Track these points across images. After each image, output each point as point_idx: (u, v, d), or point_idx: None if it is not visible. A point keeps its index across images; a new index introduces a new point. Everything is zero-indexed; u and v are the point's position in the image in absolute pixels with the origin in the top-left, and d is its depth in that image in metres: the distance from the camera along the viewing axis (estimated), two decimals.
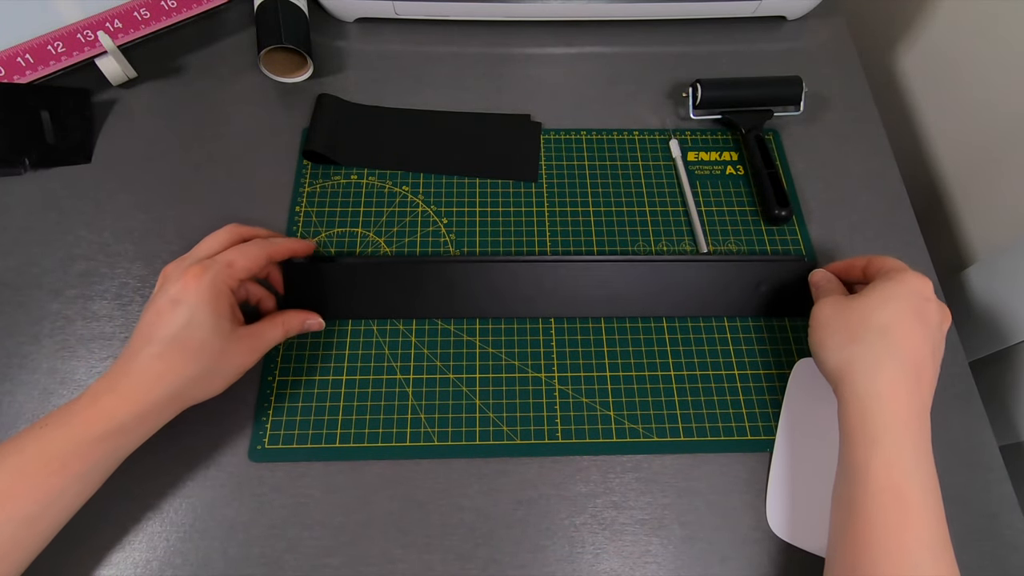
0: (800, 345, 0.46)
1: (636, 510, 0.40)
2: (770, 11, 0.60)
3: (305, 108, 0.55)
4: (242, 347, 0.38)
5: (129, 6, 0.52)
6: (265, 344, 0.40)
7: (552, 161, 0.53)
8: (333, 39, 0.59)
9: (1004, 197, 0.52)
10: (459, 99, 0.56)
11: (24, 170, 0.50)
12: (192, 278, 0.37)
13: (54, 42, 0.50)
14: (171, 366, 0.35)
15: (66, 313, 0.45)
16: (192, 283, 0.36)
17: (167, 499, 0.40)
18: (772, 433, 0.43)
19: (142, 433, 0.36)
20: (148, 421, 0.36)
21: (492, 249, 0.49)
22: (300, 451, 0.41)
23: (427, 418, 0.43)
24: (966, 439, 0.43)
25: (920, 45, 0.62)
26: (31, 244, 0.47)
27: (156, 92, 0.55)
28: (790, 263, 0.48)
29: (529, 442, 0.42)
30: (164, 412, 0.36)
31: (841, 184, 0.53)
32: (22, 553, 0.33)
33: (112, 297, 0.46)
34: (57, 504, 0.33)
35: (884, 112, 0.58)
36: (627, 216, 0.51)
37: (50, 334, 0.44)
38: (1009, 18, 0.52)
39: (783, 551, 0.40)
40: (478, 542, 0.39)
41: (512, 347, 0.45)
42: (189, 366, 0.36)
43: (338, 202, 0.50)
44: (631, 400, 0.44)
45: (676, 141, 0.54)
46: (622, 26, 0.61)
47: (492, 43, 0.60)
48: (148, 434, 0.36)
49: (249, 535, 0.39)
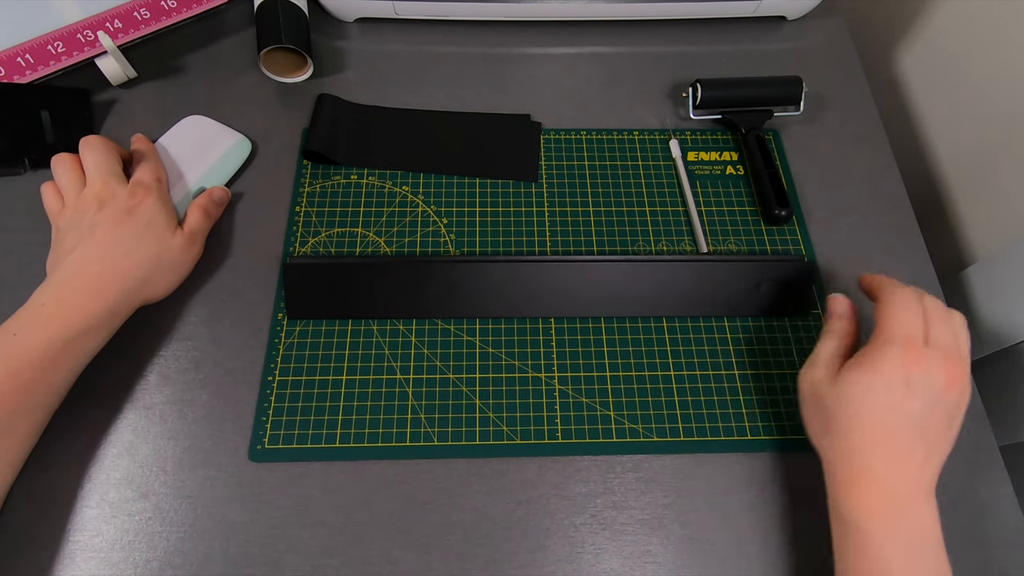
0: (800, 345, 0.46)
1: (636, 510, 0.40)
2: (770, 11, 0.60)
3: (305, 108, 0.55)
4: (186, 241, 0.44)
5: (129, 6, 0.52)
6: (200, 234, 0.46)
7: (552, 161, 0.53)
8: (333, 39, 0.59)
9: (1004, 197, 0.52)
10: (459, 99, 0.56)
11: (24, 170, 0.50)
12: (146, 194, 0.44)
13: (54, 42, 0.50)
14: (136, 261, 0.41)
15: None
16: (146, 196, 0.43)
17: (167, 499, 0.40)
18: (772, 433, 0.43)
19: (108, 330, 0.40)
20: (114, 315, 0.40)
21: (492, 249, 0.49)
22: (300, 451, 0.41)
23: (427, 418, 0.43)
24: (966, 439, 0.43)
25: (920, 45, 0.62)
26: (31, 244, 0.47)
27: (156, 92, 0.55)
28: (790, 263, 0.48)
29: (529, 442, 0.42)
30: (127, 305, 0.41)
31: (841, 184, 0.53)
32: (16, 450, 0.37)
33: None
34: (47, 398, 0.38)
35: (884, 112, 0.58)
36: (627, 216, 0.51)
37: None
38: (1009, 18, 0.52)
39: (783, 551, 0.40)
40: (478, 542, 0.39)
41: (512, 347, 0.45)
42: (149, 261, 0.42)
43: (338, 202, 0.50)
44: (631, 400, 0.44)
45: (676, 141, 0.54)
46: (622, 26, 0.61)
47: (492, 43, 0.60)
48: (113, 329, 0.41)
49: (249, 535, 0.39)
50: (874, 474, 0.34)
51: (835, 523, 0.35)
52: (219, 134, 0.51)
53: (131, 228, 0.42)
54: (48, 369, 0.37)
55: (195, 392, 0.43)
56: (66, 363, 0.38)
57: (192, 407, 0.42)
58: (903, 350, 0.34)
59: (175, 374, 0.43)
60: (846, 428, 0.35)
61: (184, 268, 0.45)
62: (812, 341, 0.46)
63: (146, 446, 0.41)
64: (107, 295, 0.40)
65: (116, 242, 0.41)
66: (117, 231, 0.42)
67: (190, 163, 0.49)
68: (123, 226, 0.42)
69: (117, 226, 0.42)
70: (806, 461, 0.42)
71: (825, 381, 0.36)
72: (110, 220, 0.42)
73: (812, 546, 0.39)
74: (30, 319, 0.38)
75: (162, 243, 0.43)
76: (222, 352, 0.44)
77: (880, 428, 0.34)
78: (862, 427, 0.34)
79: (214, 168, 0.50)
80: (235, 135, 0.51)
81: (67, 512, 0.39)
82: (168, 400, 0.43)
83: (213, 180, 0.49)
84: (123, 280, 0.41)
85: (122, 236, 0.42)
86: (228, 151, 0.50)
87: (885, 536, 0.33)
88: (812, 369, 0.38)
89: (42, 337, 0.37)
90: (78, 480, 0.40)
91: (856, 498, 0.34)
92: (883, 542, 0.33)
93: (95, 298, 0.39)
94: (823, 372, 0.37)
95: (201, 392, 0.43)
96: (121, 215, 0.42)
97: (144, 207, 0.43)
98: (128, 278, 0.41)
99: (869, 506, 0.33)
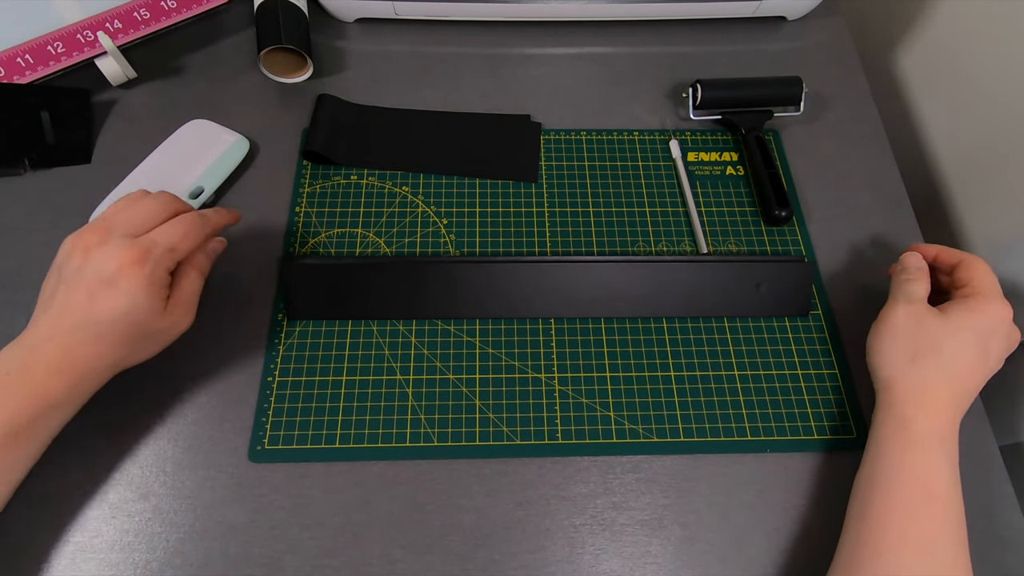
0: (800, 345, 0.46)
1: (636, 511, 0.40)
2: (770, 11, 0.60)
3: (305, 108, 0.55)
4: (176, 316, 0.39)
5: (129, 6, 0.52)
6: (193, 300, 0.40)
7: (552, 161, 0.53)
8: (333, 39, 0.59)
9: (1004, 196, 0.52)
10: (459, 99, 0.56)
11: (24, 170, 0.50)
12: (134, 266, 0.35)
13: (54, 42, 0.50)
14: (108, 346, 0.36)
15: None
16: (134, 272, 0.35)
17: (167, 499, 0.40)
18: (772, 433, 0.43)
19: (76, 404, 0.37)
20: (83, 392, 0.36)
21: (492, 249, 0.49)
22: (300, 451, 0.41)
23: (427, 418, 0.43)
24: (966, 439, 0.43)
25: (920, 45, 0.62)
26: (31, 244, 0.47)
27: (156, 92, 0.55)
28: (790, 263, 0.48)
29: (529, 442, 0.42)
30: (98, 382, 0.37)
31: (841, 184, 0.53)
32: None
33: None
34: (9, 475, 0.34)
35: (884, 112, 0.58)
36: (627, 216, 0.51)
37: None
38: (1009, 18, 0.52)
39: (783, 551, 0.40)
40: (478, 543, 0.39)
41: (512, 347, 0.45)
42: (125, 345, 0.37)
43: (338, 202, 0.50)
44: (631, 400, 0.44)
45: (676, 141, 0.54)
46: (622, 26, 0.61)
47: (492, 43, 0.60)
48: (82, 404, 0.37)
49: (249, 535, 0.39)
50: (955, 403, 0.39)
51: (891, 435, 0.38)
52: (217, 134, 0.51)
53: (107, 307, 0.35)
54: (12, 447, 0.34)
55: (195, 392, 0.43)
56: (25, 442, 0.34)
57: (192, 407, 0.42)
58: (1002, 305, 0.40)
59: (175, 374, 0.43)
60: (946, 359, 0.39)
61: (170, 338, 0.39)
62: (812, 341, 0.46)
63: (146, 446, 0.41)
64: (73, 371, 0.35)
65: (88, 319, 0.35)
66: (91, 306, 0.35)
67: (188, 163, 0.49)
68: (97, 301, 0.35)
69: (91, 300, 0.35)
70: (807, 461, 0.42)
71: (932, 314, 0.40)
72: (84, 286, 0.35)
73: (812, 546, 0.39)
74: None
75: (143, 325, 0.37)
76: (222, 352, 0.44)
77: (976, 363, 0.39)
78: (960, 359, 0.39)
79: (211, 168, 0.50)
80: (233, 135, 0.51)
81: (67, 513, 0.39)
82: (168, 400, 0.43)
83: (210, 179, 0.49)
84: (95, 358, 0.36)
85: (95, 314, 0.35)
86: (226, 151, 0.50)
87: (944, 453, 0.37)
88: (914, 304, 0.41)
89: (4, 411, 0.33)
90: (77, 481, 0.40)
91: (933, 416, 0.38)
92: (943, 459, 0.37)
93: (59, 374, 0.35)
94: (926, 308, 0.41)
95: (201, 392, 0.43)
96: (97, 284, 0.35)
97: (127, 284, 0.35)
98: (101, 358, 0.36)
99: (939, 425, 0.38)
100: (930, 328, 0.39)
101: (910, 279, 0.42)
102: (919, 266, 0.43)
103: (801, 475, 0.42)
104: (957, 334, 0.39)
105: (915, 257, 0.43)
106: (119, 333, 0.36)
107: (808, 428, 0.43)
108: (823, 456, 0.42)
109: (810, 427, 0.43)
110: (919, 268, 0.43)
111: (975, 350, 0.39)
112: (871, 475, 0.38)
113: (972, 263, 0.42)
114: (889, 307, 0.42)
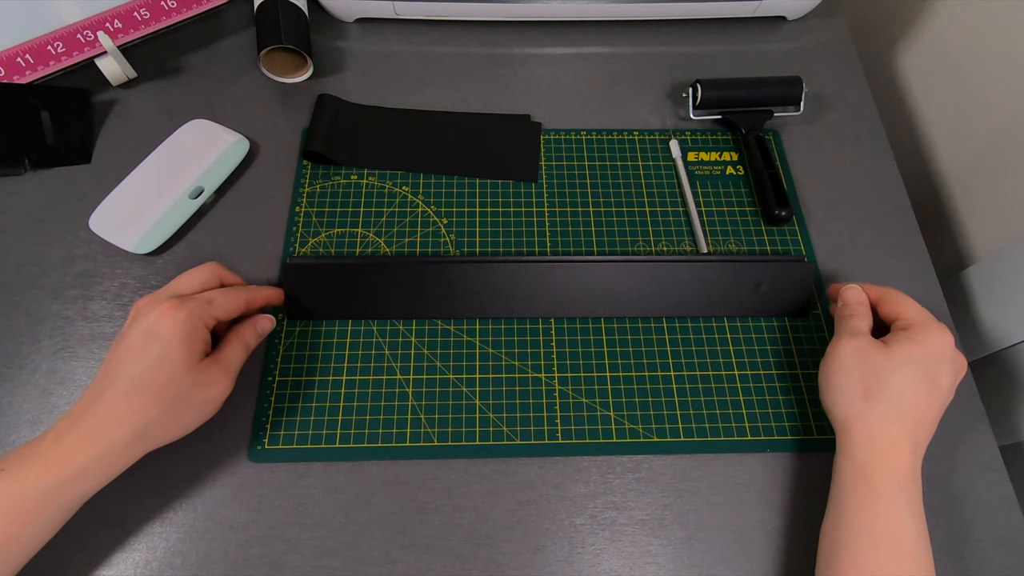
0: (800, 345, 0.46)
1: (636, 510, 0.40)
2: (770, 11, 0.60)
3: (305, 108, 0.55)
4: (212, 377, 0.37)
5: (129, 6, 0.52)
6: (233, 367, 0.39)
7: (552, 161, 0.53)
8: (333, 39, 0.59)
9: (1004, 197, 0.52)
10: (459, 99, 0.56)
11: (24, 170, 0.50)
12: (169, 310, 0.36)
13: (54, 42, 0.50)
14: (136, 405, 0.34)
15: (66, 313, 0.45)
16: (168, 315, 0.35)
17: (167, 499, 0.40)
18: (772, 433, 0.43)
19: (103, 477, 0.34)
20: (109, 463, 0.34)
21: (492, 249, 0.49)
22: (300, 451, 0.41)
23: (427, 418, 0.43)
24: (966, 439, 0.43)
25: (920, 45, 0.62)
26: (31, 244, 0.47)
27: (156, 92, 0.55)
28: (790, 263, 0.48)
29: (529, 442, 0.42)
30: (128, 453, 0.35)
31: (841, 184, 0.53)
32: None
33: (112, 297, 0.46)
34: (11, 551, 0.32)
35: (884, 112, 0.58)
36: (627, 216, 0.51)
37: (50, 334, 0.44)
38: (1009, 18, 0.52)
39: (783, 551, 0.40)
40: (478, 543, 0.39)
41: (512, 347, 0.45)
42: (154, 404, 0.35)
43: (338, 202, 0.50)
44: (631, 400, 0.44)
45: (676, 141, 0.54)
46: (622, 26, 0.61)
47: (492, 43, 0.60)
48: (110, 477, 0.35)
49: (249, 535, 0.39)
50: (912, 438, 0.37)
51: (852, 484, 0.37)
52: (217, 134, 0.51)
53: (140, 355, 0.35)
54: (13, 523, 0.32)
55: None
56: (40, 515, 0.32)
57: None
58: (941, 332, 0.39)
59: None
60: (895, 394, 0.38)
61: (208, 408, 0.37)
62: (812, 341, 0.46)
63: None
64: (100, 440, 0.33)
65: (120, 373, 0.35)
66: (127, 357, 0.35)
67: (188, 163, 0.49)
68: (132, 351, 0.35)
69: (127, 351, 0.35)
70: (807, 461, 0.42)
71: (877, 348, 0.39)
72: (126, 342, 0.35)
73: (812, 546, 0.39)
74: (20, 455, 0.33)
75: (176, 380, 0.35)
76: None
77: (926, 396, 0.38)
78: (909, 393, 0.38)
79: (211, 168, 0.50)
80: (233, 135, 0.51)
81: None
82: None
83: (210, 179, 0.49)
84: (119, 425, 0.34)
85: (129, 365, 0.35)
86: (226, 151, 0.50)
87: (907, 502, 0.36)
88: (858, 339, 0.40)
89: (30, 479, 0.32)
90: None
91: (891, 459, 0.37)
92: (905, 509, 0.36)
93: (87, 441, 0.33)
94: (870, 342, 0.40)
95: None
96: (136, 336, 0.35)
97: (160, 328, 0.35)
98: (125, 424, 0.34)
99: (898, 470, 0.36)
100: (876, 361, 0.39)
101: (852, 315, 0.42)
102: (860, 300, 0.43)
103: (801, 475, 0.42)
104: (902, 368, 0.38)
105: (855, 291, 0.43)
106: (146, 388, 0.34)
107: (808, 428, 0.43)
108: (823, 456, 0.42)
109: (810, 427, 0.43)
110: (860, 303, 0.42)
111: (923, 383, 0.38)
112: (835, 532, 0.36)
113: (891, 296, 0.42)
114: (834, 343, 0.41)
